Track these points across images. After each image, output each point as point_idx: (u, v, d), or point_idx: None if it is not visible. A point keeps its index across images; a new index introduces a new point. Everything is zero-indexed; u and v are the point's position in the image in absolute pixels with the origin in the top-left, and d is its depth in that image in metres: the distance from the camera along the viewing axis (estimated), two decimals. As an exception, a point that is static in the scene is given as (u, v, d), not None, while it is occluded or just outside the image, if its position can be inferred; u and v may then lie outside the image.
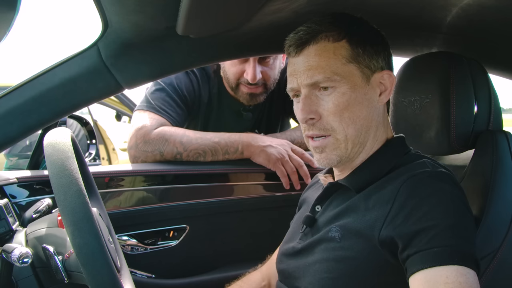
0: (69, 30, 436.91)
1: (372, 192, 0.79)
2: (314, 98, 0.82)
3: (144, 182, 1.32)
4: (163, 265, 1.33)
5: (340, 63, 0.80)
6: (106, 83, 1.00)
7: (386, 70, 0.84)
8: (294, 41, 0.83)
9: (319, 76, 0.80)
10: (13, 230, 0.89)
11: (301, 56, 0.82)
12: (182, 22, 0.84)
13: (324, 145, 0.83)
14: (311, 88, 0.82)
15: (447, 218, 0.70)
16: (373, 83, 0.83)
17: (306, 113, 0.81)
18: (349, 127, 0.81)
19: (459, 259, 0.67)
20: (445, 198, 0.72)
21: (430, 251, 0.68)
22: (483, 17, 0.96)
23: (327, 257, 0.79)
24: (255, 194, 1.41)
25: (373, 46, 0.83)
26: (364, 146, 0.84)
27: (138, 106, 1.47)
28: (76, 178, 0.69)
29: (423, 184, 0.74)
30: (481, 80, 0.90)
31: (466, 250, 0.68)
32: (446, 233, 0.68)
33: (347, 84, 0.80)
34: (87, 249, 0.66)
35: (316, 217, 0.88)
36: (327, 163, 0.84)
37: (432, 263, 0.67)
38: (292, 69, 0.84)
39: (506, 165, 0.85)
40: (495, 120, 0.91)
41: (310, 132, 0.84)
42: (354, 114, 0.81)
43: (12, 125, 0.96)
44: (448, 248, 0.67)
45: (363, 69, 0.82)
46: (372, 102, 0.83)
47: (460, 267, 0.66)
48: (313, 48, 0.81)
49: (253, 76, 1.42)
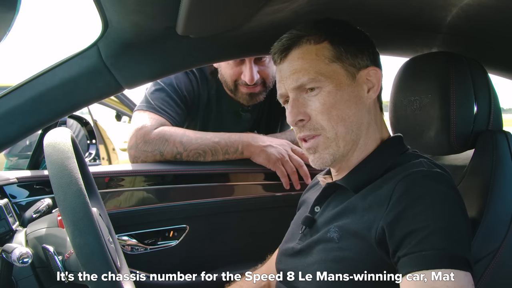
0: (69, 30, 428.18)
1: (370, 192, 0.79)
2: (302, 100, 0.83)
3: (144, 182, 1.32)
4: (163, 265, 1.33)
5: (323, 64, 0.82)
6: (106, 83, 1.00)
7: (371, 66, 0.85)
8: (278, 49, 0.85)
9: (303, 78, 0.81)
10: (13, 230, 0.89)
11: (286, 62, 0.84)
12: (182, 22, 0.84)
13: (315, 145, 0.84)
14: (297, 91, 0.83)
15: (439, 220, 0.70)
16: (359, 80, 0.84)
17: (295, 115, 0.83)
18: (338, 125, 0.82)
19: (449, 262, 0.66)
20: (438, 199, 0.72)
21: (419, 254, 0.68)
22: (483, 17, 0.96)
23: (326, 258, 0.79)
24: (255, 194, 1.41)
25: (356, 44, 0.84)
26: (357, 144, 0.85)
27: (138, 106, 1.47)
28: (76, 178, 0.69)
29: (417, 184, 0.74)
30: (481, 80, 0.90)
31: (457, 253, 0.68)
32: (437, 236, 0.68)
33: (332, 83, 0.81)
34: (87, 249, 0.66)
35: (315, 218, 0.88)
36: (321, 163, 0.85)
37: (421, 266, 0.67)
38: (279, 76, 0.86)
39: (506, 165, 0.85)
40: (495, 120, 0.91)
41: (302, 134, 0.85)
42: (342, 112, 0.82)
43: (12, 125, 0.96)
44: (439, 251, 0.67)
45: (347, 68, 0.83)
46: (360, 99, 0.84)
47: (448, 270, 0.66)
48: (296, 52, 0.83)
49: (251, 77, 1.42)
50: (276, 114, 1.68)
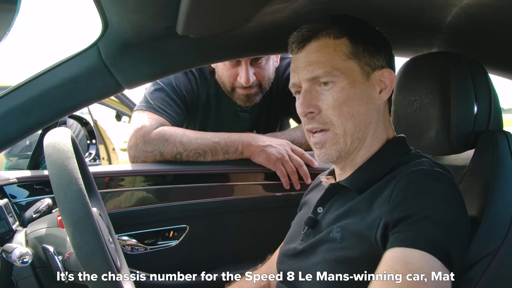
0: (69, 30, 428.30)
1: (373, 192, 0.80)
2: (314, 93, 0.83)
3: (144, 182, 1.32)
4: (163, 265, 1.32)
5: (340, 59, 0.82)
6: (106, 83, 1.00)
7: (386, 68, 0.85)
8: (297, 38, 0.85)
9: (319, 71, 0.81)
10: (13, 230, 0.89)
11: (303, 52, 0.84)
12: (182, 22, 0.84)
13: (323, 141, 0.84)
14: (311, 82, 0.83)
15: (434, 211, 0.71)
16: (373, 81, 0.84)
17: (306, 107, 0.83)
18: (348, 122, 0.82)
19: (431, 247, 0.68)
20: (439, 196, 0.73)
21: (406, 233, 0.70)
22: (483, 17, 0.96)
23: (328, 258, 0.79)
24: (255, 194, 1.41)
25: (374, 44, 0.85)
26: (364, 143, 0.85)
27: (138, 106, 1.47)
28: (76, 178, 0.69)
29: (416, 182, 0.75)
30: (481, 80, 0.90)
31: (443, 244, 0.68)
32: (428, 222, 0.70)
33: (347, 79, 0.82)
34: (87, 249, 0.66)
35: (318, 219, 0.88)
36: (327, 159, 0.85)
37: (403, 243, 0.69)
38: (294, 65, 0.86)
39: (506, 165, 0.85)
40: (495, 120, 0.91)
41: (310, 126, 0.85)
42: (353, 109, 0.82)
43: (12, 125, 0.96)
44: (424, 234, 0.68)
45: (363, 66, 0.83)
46: (372, 99, 0.84)
47: (428, 254, 0.67)
48: (314, 45, 0.83)
49: (247, 79, 1.42)
50: (275, 114, 1.68)
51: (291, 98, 1.11)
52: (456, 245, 0.71)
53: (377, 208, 0.76)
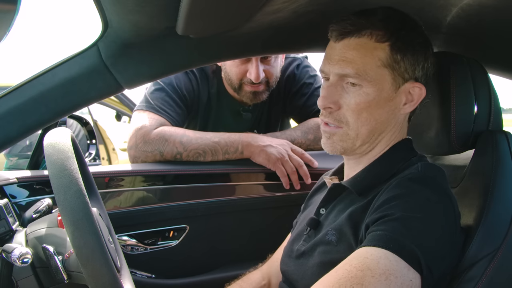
0: (69, 30, 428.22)
1: (372, 197, 0.80)
2: (340, 89, 0.81)
3: (144, 182, 1.32)
4: (163, 265, 1.33)
5: (374, 65, 0.79)
6: (106, 83, 1.00)
7: (419, 83, 0.82)
8: (338, 28, 0.81)
9: (350, 70, 0.79)
10: (13, 230, 0.89)
11: (340, 44, 0.81)
12: (182, 22, 0.84)
13: (333, 133, 0.84)
14: (339, 78, 0.81)
15: (408, 213, 0.70)
16: (401, 92, 0.82)
17: (327, 102, 0.82)
18: (363, 127, 0.81)
19: (396, 246, 0.67)
20: (418, 200, 0.73)
21: (376, 232, 0.70)
22: (483, 17, 0.96)
23: (324, 260, 0.80)
24: (255, 194, 1.41)
25: (414, 55, 0.81)
26: (374, 147, 0.85)
27: (138, 106, 1.47)
28: (76, 178, 0.69)
29: (401, 186, 0.76)
30: (481, 80, 0.90)
31: (410, 245, 0.67)
32: (399, 223, 0.69)
33: (374, 86, 0.79)
34: (87, 249, 0.66)
35: (320, 220, 0.88)
36: (331, 150, 0.85)
37: (370, 242, 0.69)
38: (329, 53, 0.83)
39: (506, 165, 0.85)
40: (495, 120, 0.91)
41: (326, 119, 0.84)
42: (372, 116, 0.81)
43: (12, 125, 0.96)
44: (391, 233, 0.68)
45: (395, 77, 0.81)
46: (394, 110, 0.83)
47: (390, 253, 0.67)
48: (353, 41, 0.80)
49: (257, 75, 1.43)
50: (276, 114, 1.68)
51: (292, 98, 1.12)
52: (429, 250, 0.69)
53: (369, 213, 0.77)
